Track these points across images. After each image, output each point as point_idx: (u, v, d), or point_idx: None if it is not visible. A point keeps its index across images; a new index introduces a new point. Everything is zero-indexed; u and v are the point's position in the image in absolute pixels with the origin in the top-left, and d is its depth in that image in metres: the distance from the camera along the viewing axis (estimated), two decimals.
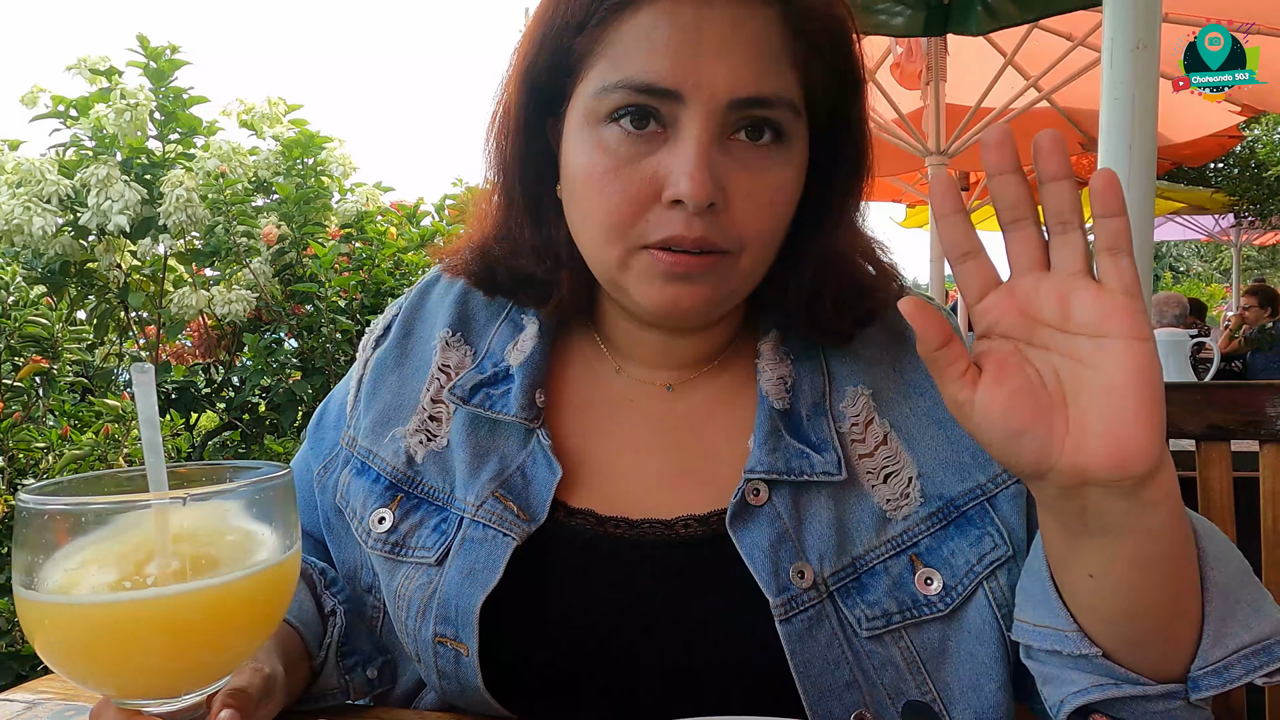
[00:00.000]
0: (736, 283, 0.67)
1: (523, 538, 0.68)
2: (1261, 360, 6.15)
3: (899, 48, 4.56)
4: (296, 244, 3.07)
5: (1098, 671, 0.58)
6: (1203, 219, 11.00)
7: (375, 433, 0.77)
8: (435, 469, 0.75)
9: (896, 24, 3.49)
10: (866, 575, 0.68)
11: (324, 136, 3.34)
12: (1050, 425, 0.50)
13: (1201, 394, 1.05)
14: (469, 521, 0.71)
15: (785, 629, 0.64)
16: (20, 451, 2.23)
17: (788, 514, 0.68)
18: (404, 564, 0.72)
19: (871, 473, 0.70)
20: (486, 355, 0.78)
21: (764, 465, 0.68)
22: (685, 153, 0.61)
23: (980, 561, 0.68)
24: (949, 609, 0.67)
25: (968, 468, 0.70)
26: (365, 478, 0.76)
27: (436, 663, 0.69)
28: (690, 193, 0.60)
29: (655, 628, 0.68)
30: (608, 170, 0.63)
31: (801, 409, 0.72)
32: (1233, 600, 0.57)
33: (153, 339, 3.21)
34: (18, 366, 2.47)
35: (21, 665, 2.10)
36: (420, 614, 0.70)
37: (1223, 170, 10.00)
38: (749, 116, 0.63)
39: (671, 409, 0.76)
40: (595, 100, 0.64)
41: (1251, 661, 0.56)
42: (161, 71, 3.06)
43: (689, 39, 0.61)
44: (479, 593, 0.67)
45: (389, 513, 0.74)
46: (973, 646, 0.67)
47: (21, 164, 2.84)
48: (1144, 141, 1.55)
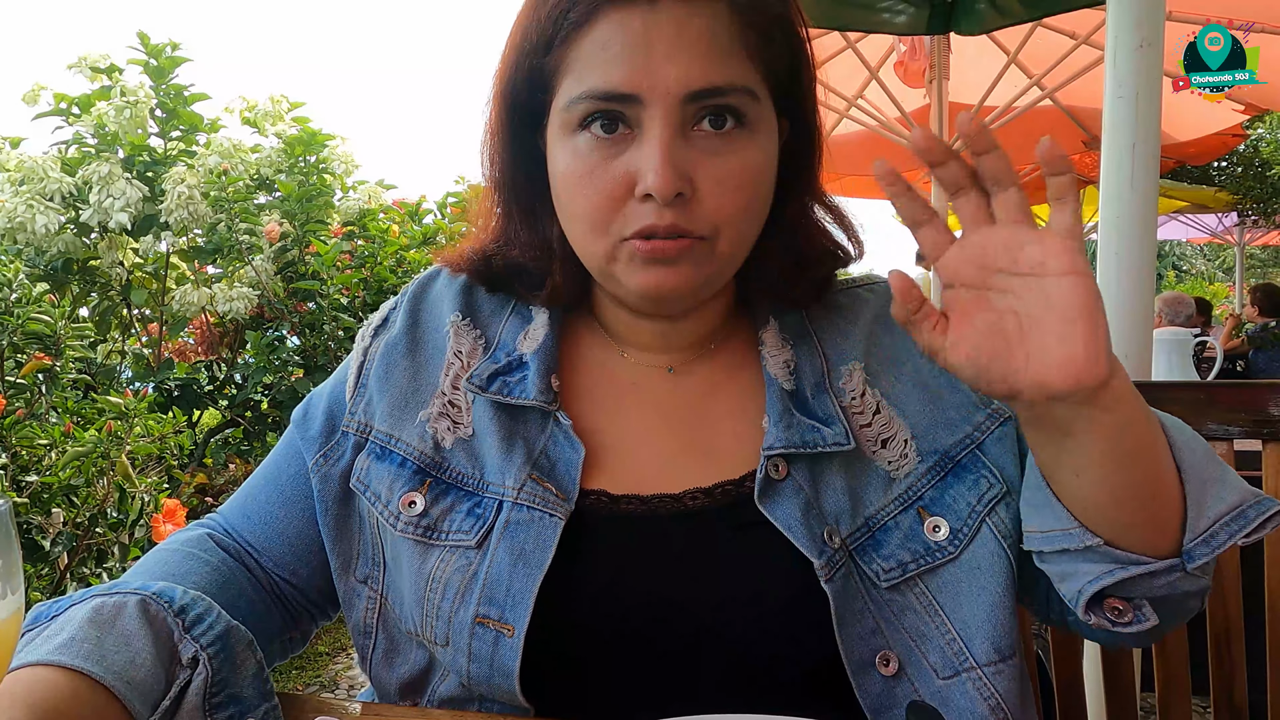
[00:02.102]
0: (716, 265, 0.72)
1: (566, 516, 0.71)
2: (1263, 359, 6.14)
3: (902, 46, 4.56)
4: (299, 241, 3.08)
5: (1104, 559, 0.66)
6: (1206, 218, 10.99)
7: (395, 417, 0.78)
8: (463, 456, 0.76)
9: (900, 22, 3.49)
10: (880, 532, 0.73)
11: (326, 134, 3.35)
12: (1011, 354, 0.58)
13: (1205, 393, 1.05)
14: (510, 505, 0.72)
15: (830, 588, 0.69)
16: (23, 448, 2.24)
17: (808, 485, 0.73)
18: (437, 547, 0.73)
19: (871, 440, 0.76)
20: (499, 346, 0.81)
21: (781, 441, 0.73)
22: (650, 150, 0.66)
23: (980, 501, 0.74)
24: (958, 551, 0.73)
25: (954, 422, 0.77)
26: (389, 462, 0.77)
27: (470, 645, 0.69)
28: (656, 186, 0.66)
29: (678, 594, 0.70)
30: (585, 174, 0.69)
31: (806, 389, 0.78)
32: (1204, 478, 0.66)
33: (155, 336, 3.21)
34: (20, 364, 2.48)
35: None
36: (460, 595, 0.70)
37: (1226, 169, 9.97)
38: (707, 107, 0.68)
39: (674, 390, 0.80)
40: (566, 113, 0.69)
41: (1232, 526, 0.65)
42: (162, 69, 3.06)
43: (640, 44, 0.66)
44: (535, 573, 0.69)
45: (419, 496, 0.75)
46: (984, 580, 0.72)
47: (24, 162, 2.84)
48: (1147, 140, 1.55)
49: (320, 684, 2.94)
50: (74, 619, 0.62)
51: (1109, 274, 1.57)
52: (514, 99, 0.74)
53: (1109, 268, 1.57)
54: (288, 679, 2.98)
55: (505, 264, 0.80)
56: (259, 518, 0.82)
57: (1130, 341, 1.55)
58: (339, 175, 3.44)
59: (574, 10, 0.68)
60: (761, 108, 0.70)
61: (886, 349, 0.80)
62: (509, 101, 0.74)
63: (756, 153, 0.70)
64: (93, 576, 2.30)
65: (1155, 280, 1.66)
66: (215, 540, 0.81)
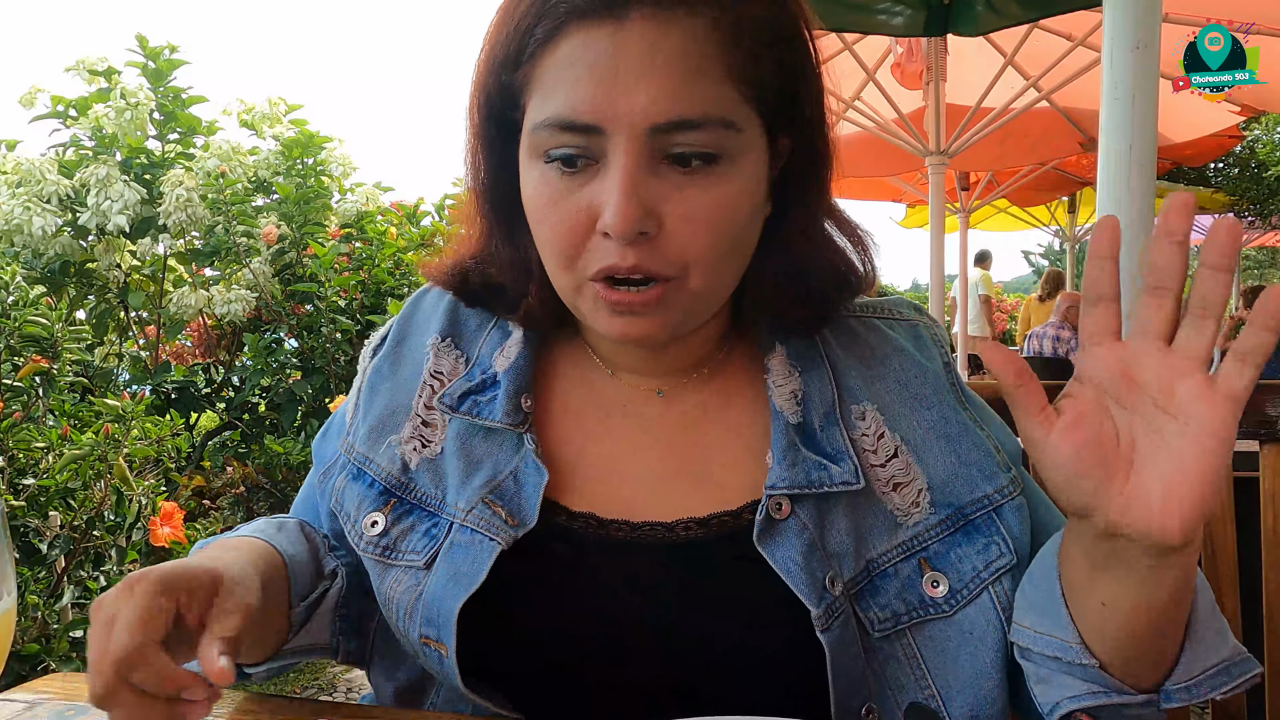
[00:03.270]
0: (686, 305, 0.66)
1: (509, 543, 0.69)
2: None
3: (899, 47, 4.57)
4: (296, 244, 3.08)
5: (1091, 679, 0.63)
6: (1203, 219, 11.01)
7: (371, 439, 0.78)
8: (428, 476, 0.75)
9: (897, 24, 3.49)
10: (879, 578, 0.69)
11: (324, 136, 3.35)
12: (1110, 479, 0.54)
13: None
14: (458, 527, 0.72)
15: (827, 638, 0.65)
16: (20, 451, 2.23)
17: (813, 524, 0.69)
18: (394, 567, 0.73)
19: (882, 481, 0.72)
20: (476, 363, 0.79)
21: (785, 480, 0.69)
22: (611, 185, 0.61)
23: (987, 568, 0.70)
24: (953, 611, 0.69)
25: (975, 480, 0.73)
26: (360, 483, 0.77)
27: (427, 661, 0.71)
28: (614, 225, 0.60)
29: (656, 628, 0.68)
30: (549, 203, 0.64)
31: (814, 420, 0.73)
32: (1205, 627, 0.63)
33: (152, 339, 3.21)
34: (17, 366, 2.47)
35: (22, 665, 2.10)
36: (407, 615, 0.71)
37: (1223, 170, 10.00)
38: (673, 142, 0.61)
39: (664, 413, 0.76)
40: (531, 136, 0.65)
41: (1216, 680, 0.62)
42: (160, 71, 3.06)
43: (606, 68, 0.60)
44: (461, 594, 0.68)
45: (381, 517, 0.75)
46: (974, 647, 0.69)
47: (21, 164, 2.84)
48: (1144, 141, 1.55)
49: (318, 687, 2.93)
50: (251, 525, 0.77)
51: None
52: (489, 112, 0.70)
53: None
54: (286, 681, 2.97)
55: (482, 282, 0.77)
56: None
57: None
58: (337, 177, 3.44)
59: (540, 26, 0.62)
60: (742, 137, 0.64)
61: (911, 388, 0.75)
62: (485, 113, 0.70)
63: (732, 186, 0.64)
64: (90, 580, 2.30)
65: None
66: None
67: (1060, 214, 10.51)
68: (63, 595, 2.25)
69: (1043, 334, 6.28)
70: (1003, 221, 10.41)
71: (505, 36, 0.65)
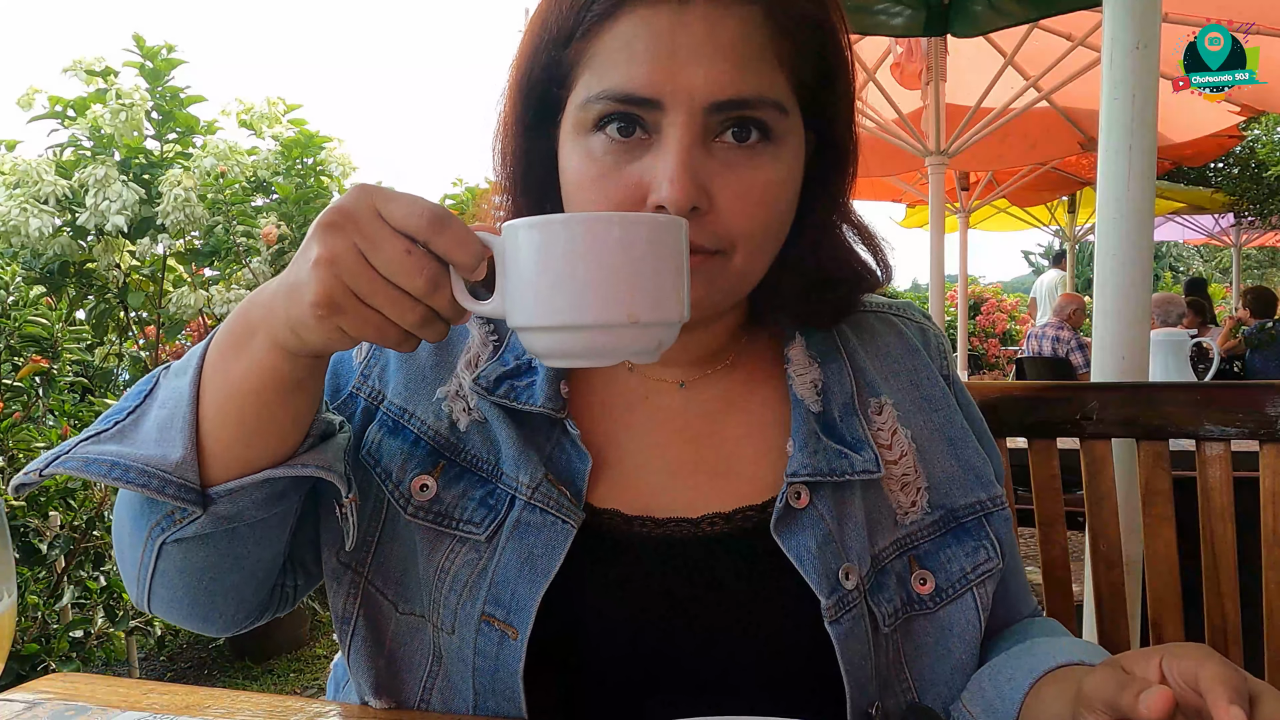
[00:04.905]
0: (731, 282, 0.68)
1: (578, 524, 0.68)
2: (1260, 360, 6.15)
3: (899, 48, 4.56)
4: (296, 244, 3.07)
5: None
6: (1203, 219, 11.01)
7: (410, 391, 0.75)
8: (480, 439, 0.73)
9: (896, 24, 3.49)
10: (880, 574, 0.71)
11: (323, 136, 3.34)
12: None
13: (1202, 394, 1.05)
14: (523, 503, 0.69)
15: (835, 630, 0.66)
16: (20, 451, 2.23)
17: (830, 515, 0.69)
18: (448, 536, 0.70)
19: (894, 478, 0.73)
20: (508, 348, 0.77)
21: (806, 468, 0.70)
22: (666, 158, 0.62)
23: (975, 570, 0.73)
24: (936, 607, 0.71)
25: (970, 485, 0.75)
26: (401, 439, 0.74)
27: (476, 640, 0.67)
28: (671, 197, 0.62)
29: (687, 624, 0.68)
30: (596, 177, 0.65)
31: (834, 410, 0.74)
32: None
33: (152, 339, 3.21)
34: (17, 366, 2.47)
35: (21, 665, 2.10)
36: (467, 589, 0.68)
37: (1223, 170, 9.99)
38: (731, 118, 0.64)
39: (686, 405, 0.76)
40: (582, 111, 0.65)
41: None
42: (157, 71, 3.06)
43: (665, 46, 0.62)
44: (541, 581, 0.66)
45: (431, 480, 0.71)
46: (952, 643, 0.71)
47: (18, 164, 2.83)
48: (1144, 141, 1.55)
49: (319, 686, 2.93)
50: None
51: (1106, 275, 1.57)
52: (530, 92, 0.70)
53: (1106, 269, 1.57)
54: (285, 683, 2.97)
55: None
56: None
57: (1127, 343, 1.55)
58: (336, 177, 3.43)
59: (598, 2, 0.64)
60: (789, 121, 0.66)
61: (922, 389, 0.78)
62: (524, 94, 0.71)
63: (780, 168, 0.66)
64: (90, 580, 2.30)
65: (1152, 281, 1.66)
66: None
67: (1060, 214, 10.51)
68: (62, 595, 2.25)
69: (1042, 334, 6.28)
70: (1002, 221, 10.41)
71: (558, 13, 0.66)
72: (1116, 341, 1.56)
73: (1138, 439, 1.07)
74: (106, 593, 2.40)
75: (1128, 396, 1.07)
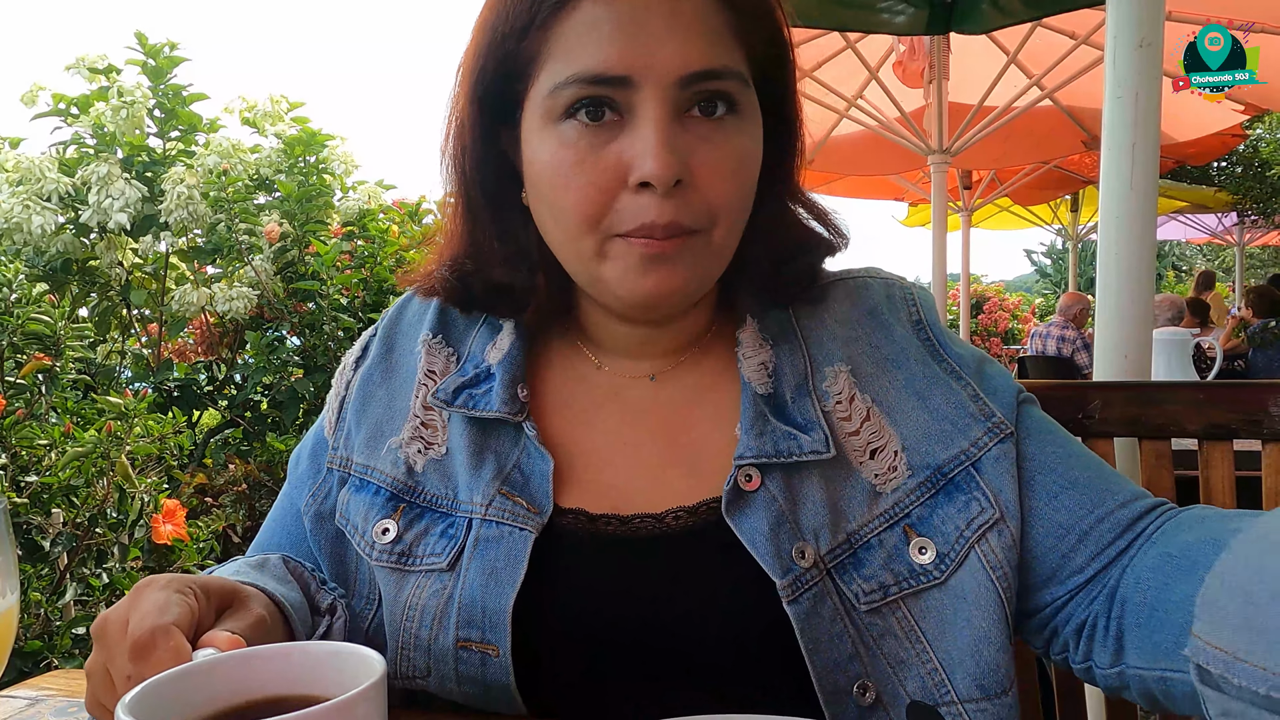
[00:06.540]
0: (712, 259, 0.69)
1: (538, 530, 0.69)
2: (1263, 359, 6.14)
3: (902, 46, 4.56)
4: (298, 242, 3.07)
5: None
6: (1206, 218, 11.00)
7: (370, 447, 0.77)
8: (436, 477, 0.74)
9: (899, 22, 3.49)
10: (862, 550, 0.68)
11: (326, 134, 3.34)
12: None
13: (1204, 393, 1.05)
14: (480, 521, 0.70)
15: (794, 609, 0.65)
16: (23, 448, 2.23)
17: (782, 496, 0.69)
18: (412, 573, 0.71)
19: (859, 450, 0.71)
20: (468, 358, 0.79)
21: (752, 450, 0.69)
22: (645, 134, 0.63)
23: (969, 526, 0.69)
24: (944, 576, 0.68)
25: (949, 435, 0.71)
26: (365, 492, 0.76)
27: (457, 669, 0.68)
28: (655, 171, 0.62)
29: (657, 621, 0.68)
30: (574, 163, 0.65)
31: (785, 391, 0.73)
32: None
33: (155, 336, 3.21)
34: (20, 364, 2.47)
35: (24, 662, 2.10)
36: (437, 621, 0.69)
37: (1226, 169, 9.97)
38: (701, 91, 0.65)
39: (656, 399, 0.77)
40: (550, 99, 0.65)
41: None
42: (160, 69, 3.06)
43: (631, 24, 0.63)
44: (508, 592, 0.67)
45: (392, 523, 0.73)
46: (969, 612, 0.67)
47: (21, 162, 2.84)
48: (1147, 140, 1.55)
49: None
50: (228, 567, 0.72)
51: (1109, 274, 1.57)
52: (486, 89, 0.70)
53: (1109, 268, 1.57)
54: None
55: (483, 286, 0.76)
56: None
57: (1130, 342, 1.55)
58: (339, 175, 3.43)
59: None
60: (750, 95, 0.68)
61: (882, 349, 0.75)
62: (478, 93, 0.70)
63: (746, 140, 0.68)
64: (92, 577, 2.30)
65: (1155, 280, 1.65)
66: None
67: (1063, 213, 10.50)
68: (65, 592, 2.25)
69: (1046, 333, 6.27)
70: (1005, 220, 10.40)
71: (511, 6, 0.66)
72: (1119, 340, 1.56)
73: (1140, 438, 1.07)
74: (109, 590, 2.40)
75: (1130, 395, 1.07)
